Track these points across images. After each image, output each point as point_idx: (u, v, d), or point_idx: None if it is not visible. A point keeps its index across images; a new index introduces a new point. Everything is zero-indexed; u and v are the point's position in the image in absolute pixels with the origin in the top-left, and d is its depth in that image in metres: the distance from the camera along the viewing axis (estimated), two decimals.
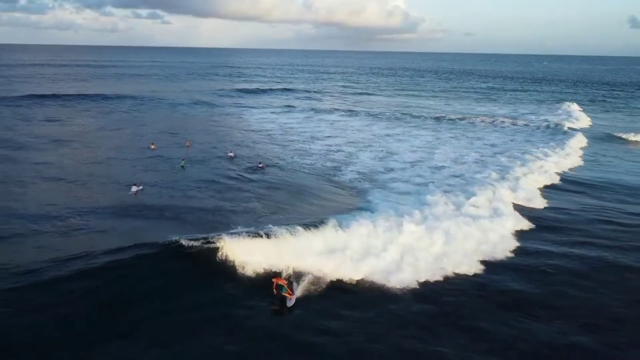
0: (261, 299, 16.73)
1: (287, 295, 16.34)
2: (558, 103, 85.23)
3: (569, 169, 38.55)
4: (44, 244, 20.07)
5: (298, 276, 17.80)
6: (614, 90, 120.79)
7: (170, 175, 33.05)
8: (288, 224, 20.13)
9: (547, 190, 31.97)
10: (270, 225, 19.78)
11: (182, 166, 35.45)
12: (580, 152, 45.31)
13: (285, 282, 16.72)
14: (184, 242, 18.36)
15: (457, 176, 34.46)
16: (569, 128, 57.11)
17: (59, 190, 28.41)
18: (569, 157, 42.44)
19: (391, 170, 36.01)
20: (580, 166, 40.41)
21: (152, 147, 41.65)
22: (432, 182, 31.78)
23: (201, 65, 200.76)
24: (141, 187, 28.56)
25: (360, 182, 32.34)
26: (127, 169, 34.44)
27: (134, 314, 15.40)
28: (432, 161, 39.46)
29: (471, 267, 19.74)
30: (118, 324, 14.87)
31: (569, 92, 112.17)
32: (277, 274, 17.46)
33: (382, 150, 43.23)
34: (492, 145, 47.49)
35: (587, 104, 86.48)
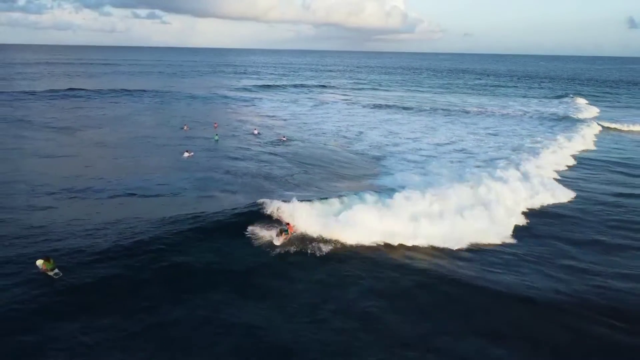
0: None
1: (282, 236, 19.17)
2: (556, 98, 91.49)
3: (557, 146, 43.80)
4: (140, 196, 25.52)
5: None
6: (599, 87, 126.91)
7: (208, 146, 38.82)
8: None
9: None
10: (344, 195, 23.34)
11: (216, 140, 41.28)
12: (566, 135, 50.82)
13: (292, 230, 19.60)
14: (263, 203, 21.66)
15: (457, 150, 40.41)
16: (567, 117, 63.04)
17: (125, 157, 34.16)
18: (556, 137, 46.96)
19: (397, 144, 42.01)
20: (565, 144, 46.11)
21: (185, 128, 47.36)
22: (435, 157, 37.43)
23: (205, 64, 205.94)
24: (192, 153, 34.42)
25: (372, 152, 38.39)
26: (169, 143, 40.09)
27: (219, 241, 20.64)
28: (431, 139, 45.45)
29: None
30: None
31: (558, 89, 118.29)
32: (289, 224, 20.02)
33: (386, 130, 49.28)
34: (485, 128, 53.50)
35: (573, 98, 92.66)
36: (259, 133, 44.67)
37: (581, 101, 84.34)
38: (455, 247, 19.70)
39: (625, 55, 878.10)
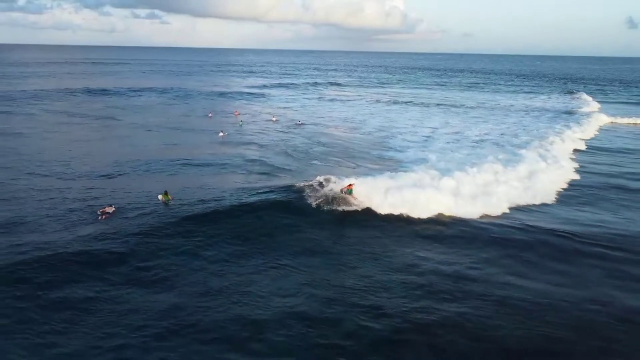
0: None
1: (352, 197, 23.09)
2: (543, 94, 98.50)
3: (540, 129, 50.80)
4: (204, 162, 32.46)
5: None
6: (586, 85, 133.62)
7: (236, 130, 45.55)
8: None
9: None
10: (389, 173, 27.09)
11: (240, 125, 48.10)
12: (548, 124, 57.40)
13: (351, 188, 23.32)
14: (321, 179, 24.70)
15: (449, 133, 47.24)
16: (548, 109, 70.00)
17: (170, 137, 41.04)
18: (540, 123, 54.43)
19: (398, 128, 49.06)
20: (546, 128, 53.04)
21: (210, 115, 54.20)
22: (433, 138, 44.15)
23: (211, 64, 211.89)
24: (226, 133, 41.29)
25: (378, 133, 45.52)
26: (201, 127, 46.73)
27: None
28: (427, 124, 52.54)
29: None
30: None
31: (547, 86, 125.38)
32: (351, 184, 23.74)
33: (387, 118, 56.35)
34: (474, 117, 60.45)
35: (561, 94, 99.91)
36: (277, 120, 51.52)
37: (564, 97, 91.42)
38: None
39: (625, 55, 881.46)
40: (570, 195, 27.25)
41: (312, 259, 17.74)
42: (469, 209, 23.10)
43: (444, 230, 21.25)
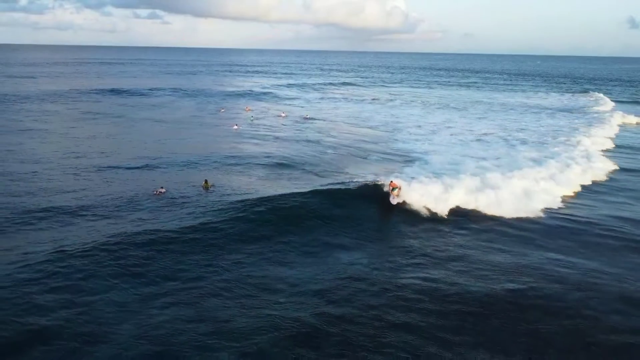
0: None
1: (393, 194, 23.65)
2: (542, 92, 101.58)
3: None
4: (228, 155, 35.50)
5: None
6: (581, 84, 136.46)
7: (248, 124, 48.60)
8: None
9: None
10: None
11: (252, 119, 51.20)
12: (538, 118, 60.55)
13: (397, 186, 23.84)
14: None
15: (451, 127, 50.32)
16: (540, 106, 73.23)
17: (187, 130, 44.25)
18: (538, 119, 57.77)
19: (402, 123, 52.19)
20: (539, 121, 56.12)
21: (222, 111, 57.34)
22: (435, 131, 47.15)
23: (214, 63, 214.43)
24: (240, 126, 44.41)
25: (383, 127, 48.76)
26: (214, 122, 49.81)
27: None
28: (429, 119, 55.67)
29: None
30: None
31: (542, 85, 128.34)
32: (392, 182, 24.44)
33: (390, 114, 59.49)
34: (473, 113, 63.53)
35: (556, 92, 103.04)
36: (286, 116, 54.62)
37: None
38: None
39: (627, 55, 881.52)
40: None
41: (335, 233, 20.92)
42: (481, 199, 24.57)
43: (448, 216, 23.91)
